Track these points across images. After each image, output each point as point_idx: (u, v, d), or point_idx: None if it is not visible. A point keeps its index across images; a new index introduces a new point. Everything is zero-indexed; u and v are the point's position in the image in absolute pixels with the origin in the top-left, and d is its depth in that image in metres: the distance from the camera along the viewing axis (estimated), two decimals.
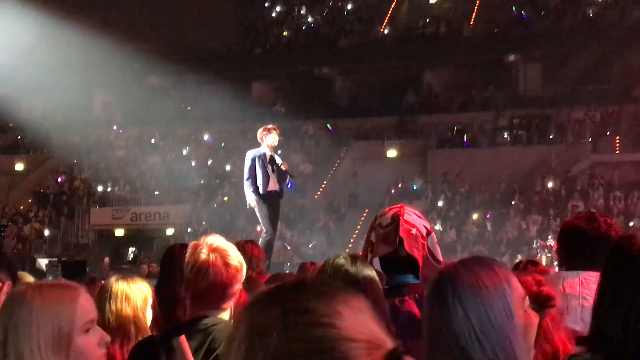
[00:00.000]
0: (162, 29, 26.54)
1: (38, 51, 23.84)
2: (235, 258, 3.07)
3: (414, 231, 3.22)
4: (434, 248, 3.38)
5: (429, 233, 3.38)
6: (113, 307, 3.48)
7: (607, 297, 2.02)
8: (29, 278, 4.62)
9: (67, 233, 21.58)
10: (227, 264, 3.02)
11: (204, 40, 27.41)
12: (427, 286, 1.88)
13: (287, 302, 1.13)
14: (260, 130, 9.95)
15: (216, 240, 3.10)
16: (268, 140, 9.81)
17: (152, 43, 26.26)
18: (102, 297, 3.47)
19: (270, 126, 9.90)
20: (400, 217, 3.23)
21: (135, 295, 3.54)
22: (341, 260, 2.98)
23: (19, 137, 25.52)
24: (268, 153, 9.92)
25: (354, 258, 3.00)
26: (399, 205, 3.54)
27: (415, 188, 22.54)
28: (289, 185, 22.77)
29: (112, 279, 3.57)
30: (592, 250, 2.95)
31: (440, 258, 3.38)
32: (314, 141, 25.30)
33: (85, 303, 2.38)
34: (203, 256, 3.02)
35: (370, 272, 2.98)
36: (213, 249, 3.04)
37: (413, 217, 3.28)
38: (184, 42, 26.90)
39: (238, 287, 3.08)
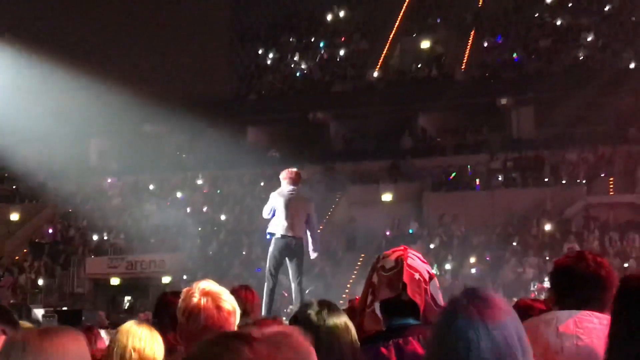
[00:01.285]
0: (157, 77, 26.72)
1: (33, 100, 23.93)
2: (228, 301, 3.06)
3: (417, 276, 3.21)
4: (435, 293, 3.37)
5: (431, 278, 3.38)
6: (138, 346, 3.46)
7: (619, 337, 2.02)
8: (28, 326, 4.58)
9: (63, 282, 21.46)
10: (218, 307, 3.01)
11: (199, 87, 27.59)
12: (438, 315, 1.88)
13: None
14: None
15: (208, 284, 3.09)
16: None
17: (147, 91, 26.42)
18: (122, 339, 3.46)
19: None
20: (404, 262, 3.23)
21: (157, 339, 3.53)
22: (309, 310, 2.98)
23: (14, 186, 25.50)
24: None
25: (321, 306, 2.99)
26: (402, 248, 3.53)
27: (411, 232, 22.52)
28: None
29: (132, 323, 3.58)
30: (583, 288, 2.97)
31: (442, 303, 3.37)
32: (309, 186, 25.30)
33: (85, 349, 2.38)
34: (195, 300, 3.01)
35: (337, 320, 2.98)
36: (205, 293, 3.04)
37: (417, 262, 3.28)
38: (179, 89, 27.06)
39: (233, 329, 3.06)
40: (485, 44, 28.15)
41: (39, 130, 24.20)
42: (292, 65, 30.12)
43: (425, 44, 29.10)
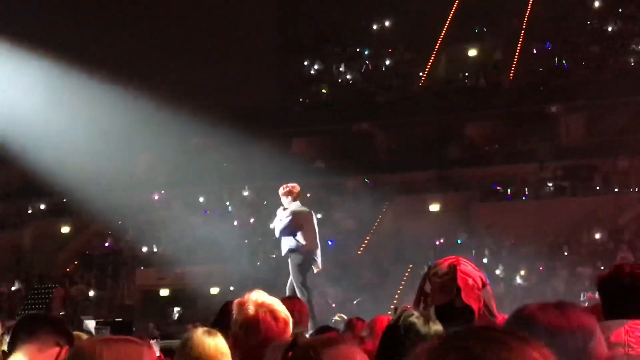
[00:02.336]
0: (203, 89, 26.93)
1: (81, 114, 24.27)
2: (282, 311, 3.04)
3: (470, 282, 3.18)
4: (489, 301, 3.33)
5: (484, 285, 3.34)
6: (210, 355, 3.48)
7: None
8: (84, 337, 4.59)
9: (113, 294, 21.68)
10: (275, 318, 2.99)
11: (244, 99, 27.73)
12: (503, 324, 1.87)
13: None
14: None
15: (260, 295, 3.07)
16: None
17: (194, 104, 26.64)
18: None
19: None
20: (457, 267, 3.19)
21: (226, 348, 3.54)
22: (412, 319, 2.94)
23: (64, 200, 25.87)
24: None
25: (425, 316, 2.96)
26: (453, 257, 3.50)
27: (459, 242, 22.31)
28: (330, 243, 22.79)
29: (202, 332, 3.60)
30: (631, 300, 2.98)
31: (496, 312, 3.32)
32: (355, 197, 25.24)
33: (151, 356, 2.37)
34: (251, 312, 2.98)
35: (439, 328, 2.94)
36: (259, 305, 3.01)
37: (469, 268, 3.25)
38: (225, 102, 27.24)
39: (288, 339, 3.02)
40: (534, 51, 27.84)
41: (87, 145, 24.51)
42: (337, 76, 30.13)
43: (472, 52, 28.89)
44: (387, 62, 29.72)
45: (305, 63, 30.73)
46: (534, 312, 1.81)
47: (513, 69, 27.36)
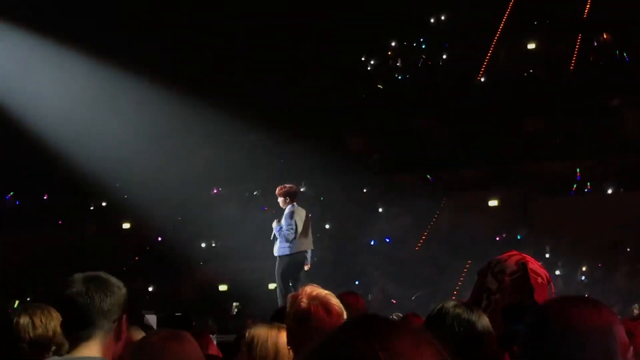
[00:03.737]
0: (260, 86, 27.08)
1: (140, 114, 24.65)
2: (336, 304, 3.06)
3: (539, 280, 3.14)
4: (544, 298, 3.31)
5: (549, 282, 3.31)
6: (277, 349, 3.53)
7: None
8: (141, 333, 4.66)
9: (172, 289, 21.94)
10: (328, 310, 3.01)
11: (300, 95, 27.79)
12: (525, 318, 1.83)
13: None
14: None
15: (314, 289, 3.10)
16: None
17: (249, 100, 26.83)
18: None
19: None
20: (527, 265, 3.15)
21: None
22: (458, 310, 2.90)
23: (124, 196, 26.27)
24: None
25: (469, 306, 2.93)
26: (514, 252, 3.45)
27: (519, 238, 22.03)
28: (387, 239, 22.79)
29: (267, 327, 3.64)
30: None
31: None
32: (412, 192, 25.12)
33: (200, 354, 2.40)
34: (303, 305, 3.01)
35: (485, 320, 2.91)
36: (312, 297, 3.04)
37: (536, 266, 3.21)
38: (281, 98, 27.35)
39: None
40: (595, 44, 27.33)
41: (146, 143, 24.88)
42: (394, 71, 29.99)
43: (531, 46, 28.47)
44: (444, 56, 29.47)
45: (362, 58, 30.63)
46: (559, 306, 1.77)
47: (573, 61, 26.89)
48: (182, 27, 26.99)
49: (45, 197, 26.34)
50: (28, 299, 21.87)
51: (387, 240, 23.02)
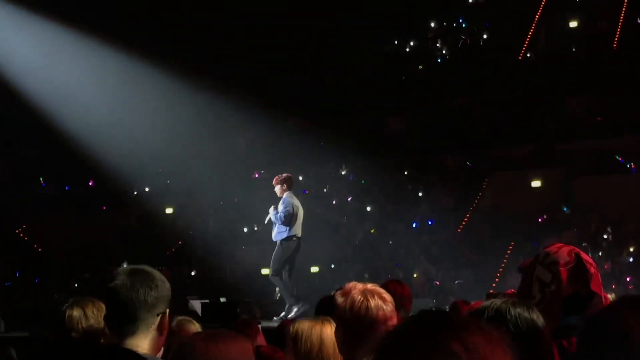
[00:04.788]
0: (299, 68, 27.08)
1: (182, 97, 24.82)
2: (388, 299, 3.08)
3: (592, 270, 3.14)
4: (600, 289, 3.29)
5: (597, 271, 3.31)
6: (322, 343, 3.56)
7: None
8: (194, 325, 4.72)
9: (216, 274, 22.10)
10: (384, 300, 3.04)
11: (340, 77, 27.74)
12: (582, 326, 1.80)
13: None
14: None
15: (359, 284, 3.14)
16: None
17: (289, 82, 26.86)
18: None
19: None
20: (580, 255, 3.15)
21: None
22: (503, 305, 2.90)
23: (167, 181, 26.54)
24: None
25: (527, 304, 2.93)
26: (560, 244, 3.43)
27: (565, 210, 21.81)
28: (429, 222, 22.73)
29: (311, 320, 3.68)
30: None
31: (603, 296, 3.28)
32: (453, 173, 24.99)
33: (250, 354, 2.42)
34: (359, 297, 3.05)
35: (535, 315, 2.90)
36: (365, 290, 3.06)
37: (586, 256, 3.21)
38: (318, 80, 27.34)
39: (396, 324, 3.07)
40: (638, 20, 26.82)
41: (187, 127, 25.06)
42: (434, 51, 29.78)
43: (573, 23, 28.03)
44: (485, 36, 29.17)
45: (400, 38, 30.44)
46: (618, 313, 1.74)
47: (616, 39, 26.44)
48: (218, 15, 27.04)
49: (90, 183, 26.71)
50: (76, 284, 22.28)
51: (429, 222, 22.96)
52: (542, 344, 2.77)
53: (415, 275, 20.08)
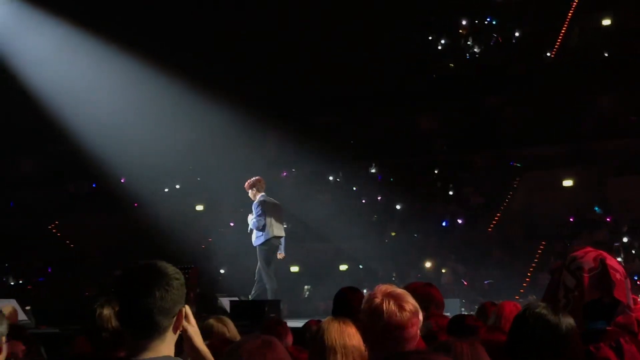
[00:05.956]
0: (328, 67, 27.08)
1: (210, 96, 24.96)
2: (410, 302, 3.10)
3: (618, 276, 3.10)
4: (628, 294, 3.25)
5: (625, 277, 3.27)
6: (345, 343, 3.56)
7: None
8: (227, 324, 4.73)
9: (244, 272, 22.17)
10: (400, 307, 3.05)
11: (369, 75, 27.69)
12: None
13: None
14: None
15: (390, 287, 3.16)
16: None
17: (318, 82, 26.88)
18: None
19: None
20: (606, 262, 3.12)
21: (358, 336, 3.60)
22: (542, 310, 2.91)
23: (198, 179, 26.68)
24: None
25: (554, 307, 2.93)
26: (590, 249, 3.40)
27: (597, 210, 21.58)
28: (460, 220, 22.62)
29: (334, 320, 3.68)
30: None
31: (632, 303, 3.24)
32: (484, 172, 24.85)
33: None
34: (377, 301, 3.08)
35: (571, 321, 2.90)
36: (386, 294, 3.10)
37: (614, 262, 3.17)
38: (349, 78, 27.31)
39: (415, 331, 3.07)
40: None
41: (217, 127, 25.16)
42: (464, 49, 29.61)
43: (606, 22, 27.73)
44: (517, 34, 28.95)
45: (431, 38, 30.31)
46: None
47: None
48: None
49: (122, 181, 26.94)
50: (106, 281, 22.49)
51: (459, 221, 22.86)
52: (565, 348, 2.77)
53: (443, 274, 20.01)
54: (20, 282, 23.95)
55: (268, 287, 11.53)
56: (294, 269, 22.69)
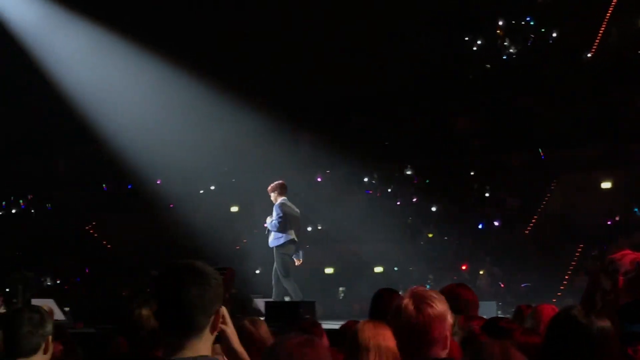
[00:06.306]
0: (362, 67, 27.05)
1: (245, 100, 25.06)
2: (434, 305, 3.05)
3: None
4: None
5: None
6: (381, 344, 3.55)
7: None
8: (260, 326, 4.72)
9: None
10: (419, 309, 3.02)
11: (404, 76, 27.59)
12: None
13: None
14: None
15: (420, 288, 3.13)
16: None
17: (353, 83, 26.84)
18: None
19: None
20: None
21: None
22: (575, 313, 2.87)
23: (233, 180, 26.78)
24: None
25: (588, 310, 2.88)
26: (628, 251, 3.36)
27: (636, 211, 21.28)
28: (496, 222, 22.46)
29: (368, 322, 3.68)
30: None
31: None
32: (520, 174, 24.61)
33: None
34: (401, 302, 3.06)
35: (605, 324, 2.84)
36: (411, 295, 3.07)
37: None
38: (383, 79, 27.25)
39: (439, 335, 3.03)
40: None
41: (252, 127, 25.24)
42: (500, 50, 29.38)
43: None
44: (554, 35, 28.66)
45: (467, 39, 30.12)
46: None
47: None
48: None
49: (158, 182, 27.14)
50: (142, 281, 22.65)
51: (496, 223, 22.68)
52: (601, 351, 2.73)
53: (480, 277, 19.87)
54: (58, 282, 24.22)
55: (293, 296, 11.63)
56: (329, 270, 22.67)
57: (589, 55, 27.27)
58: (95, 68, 22.98)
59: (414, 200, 24.55)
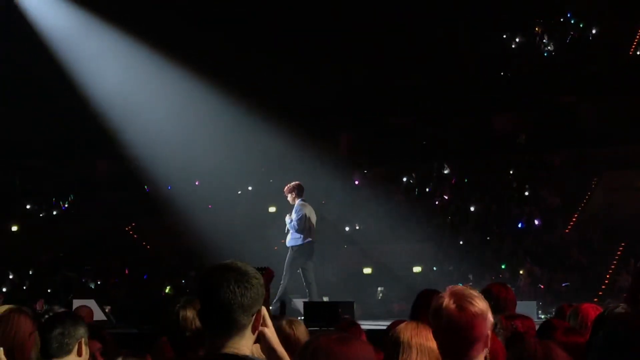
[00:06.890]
0: (402, 68, 26.96)
1: (287, 97, 25.11)
2: (475, 304, 3.03)
3: None
4: None
5: None
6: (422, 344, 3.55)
7: None
8: (298, 327, 4.72)
9: (317, 273, 22.22)
10: (461, 307, 3.00)
11: (443, 75, 27.45)
12: None
13: None
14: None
15: (460, 287, 3.11)
16: None
17: (393, 82, 26.77)
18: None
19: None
20: None
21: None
22: (621, 311, 2.82)
23: (270, 180, 26.83)
24: None
25: (634, 308, 2.83)
26: None
27: None
28: (537, 221, 22.19)
29: (411, 323, 3.68)
30: None
31: None
32: (562, 172, 24.34)
33: (372, 356, 2.44)
34: (440, 300, 3.04)
35: None
36: (451, 294, 3.05)
37: None
38: (420, 78, 27.14)
39: (479, 334, 3.01)
40: None
41: (288, 124, 25.29)
42: (540, 47, 29.08)
43: None
44: (594, 31, 28.30)
45: (505, 36, 29.87)
46: None
47: None
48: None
49: (197, 183, 27.31)
50: (183, 280, 22.80)
51: (536, 222, 22.44)
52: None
53: (520, 277, 19.67)
54: (99, 283, 24.48)
55: (280, 295, 11.77)
56: (367, 270, 22.61)
57: (629, 52, 26.88)
58: (135, 74, 23.29)
59: (452, 199, 24.40)
